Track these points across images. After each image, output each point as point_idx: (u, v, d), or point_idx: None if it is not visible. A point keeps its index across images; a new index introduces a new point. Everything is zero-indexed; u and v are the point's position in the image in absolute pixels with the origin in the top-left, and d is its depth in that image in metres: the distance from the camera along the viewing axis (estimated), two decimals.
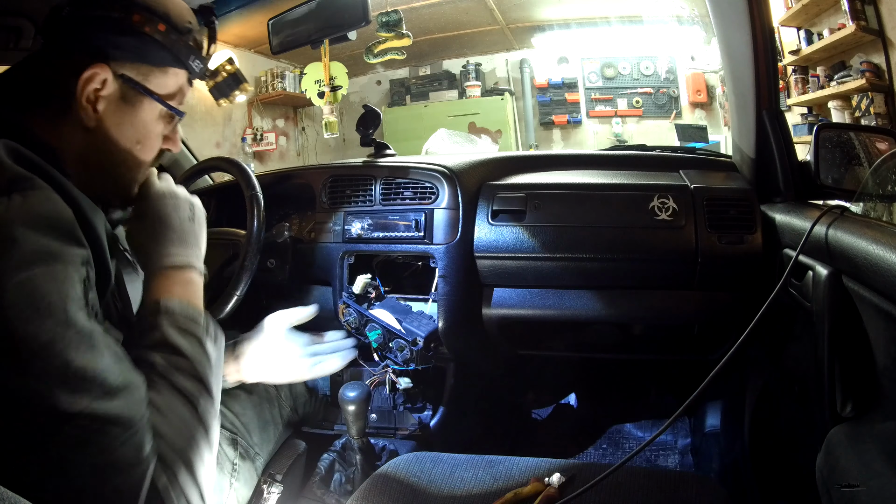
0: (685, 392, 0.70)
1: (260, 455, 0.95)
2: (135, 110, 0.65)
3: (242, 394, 0.96)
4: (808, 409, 0.86)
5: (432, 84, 5.00)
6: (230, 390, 0.92)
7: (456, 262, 1.10)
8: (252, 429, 0.95)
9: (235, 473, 0.88)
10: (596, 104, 4.80)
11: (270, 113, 4.66)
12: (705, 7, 1.05)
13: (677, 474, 0.79)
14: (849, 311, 0.72)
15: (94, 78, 0.61)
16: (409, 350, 1.10)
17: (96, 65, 0.61)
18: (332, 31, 1.20)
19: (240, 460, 0.89)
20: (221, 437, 0.87)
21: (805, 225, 0.82)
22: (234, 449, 0.90)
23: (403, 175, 1.16)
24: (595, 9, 4.06)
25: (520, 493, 0.75)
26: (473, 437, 1.34)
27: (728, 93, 1.12)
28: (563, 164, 1.32)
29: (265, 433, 0.98)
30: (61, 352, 0.45)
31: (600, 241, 1.06)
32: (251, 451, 0.93)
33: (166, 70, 0.67)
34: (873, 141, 0.99)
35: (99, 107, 0.62)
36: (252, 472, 0.92)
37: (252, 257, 1.03)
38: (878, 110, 2.59)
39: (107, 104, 0.63)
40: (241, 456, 0.90)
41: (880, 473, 0.61)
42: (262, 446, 0.97)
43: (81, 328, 0.47)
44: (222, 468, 0.86)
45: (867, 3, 2.53)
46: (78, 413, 0.45)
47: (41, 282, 0.46)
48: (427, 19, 4.08)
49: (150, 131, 0.68)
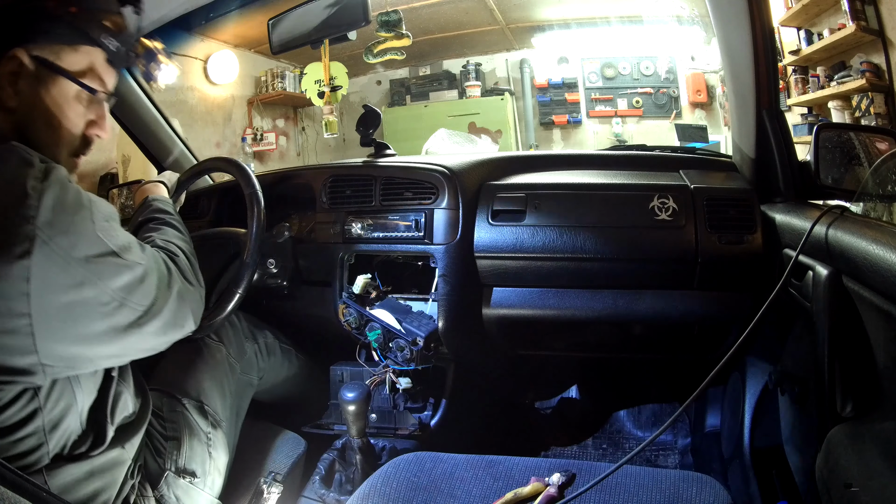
0: (685, 392, 0.70)
1: (224, 421, 0.96)
2: (48, 90, 0.69)
3: (195, 359, 0.98)
4: (808, 409, 0.86)
5: (432, 84, 5.00)
6: (180, 356, 0.96)
7: (456, 262, 1.10)
8: (213, 396, 0.96)
9: (211, 442, 0.90)
10: (596, 104, 4.79)
11: (270, 113, 4.66)
12: (705, 7, 1.05)
13: (677, 474, 0.79)
14: (849, 311, 0.72)
15: (13, 61, 0.66)
16: (409, 350, 1.10)
17: (14, 49, 0.65)
18: (332, 31, 1.20)
19: (212, 429, 0.91)
20: (191, 407, 0.91)
21: (805, 225, 0.82)
22: (205, 418, 0.91)
23: (403, 175, 1.16)
24: (595, 9, 4.06)
25: (520, 493, 0.76)
26: (473, 437, 1.34)
27: (728, 93, 1.12)
28: (563, 164, 1.32)
29: (224, 399, 0.99)
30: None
31: (600, 241, 1.06)
32: (217, 416, 0.94)
33: (77, 48, 0.71)
34: (873, 141, 0.99)
35: (19, 87, 0.67)
36: (225, 441, 0.93)
37: (253, 255, 1.03)
38: (878, 110, 2.59)
39: (25, 85, 0.67)
40: (211, 425, 0.91)
41: (880, 473, 0.61)
42: (226, 413, 0.97)
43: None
44: (200, 439, 0.88)
45: (867, 3, 2.53)
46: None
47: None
48: (427, 19, 4.08)
49: (67, 111, 0.71)
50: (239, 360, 1.07)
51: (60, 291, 0.61)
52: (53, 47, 0.68)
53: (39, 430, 0.64)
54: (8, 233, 0.57)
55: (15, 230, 0.58)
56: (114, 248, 0.66)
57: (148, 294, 0.70)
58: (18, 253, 0.57)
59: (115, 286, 0.66)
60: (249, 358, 1.11)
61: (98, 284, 0.64)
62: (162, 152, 1.53)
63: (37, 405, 0.64)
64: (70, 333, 0.63)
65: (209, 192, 1.41)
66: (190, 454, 0.86)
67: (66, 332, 0.63)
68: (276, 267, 1.20)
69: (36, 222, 0.58)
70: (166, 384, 0.92)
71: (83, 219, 0.64)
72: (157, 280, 0.71)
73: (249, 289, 1.03)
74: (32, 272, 0.58)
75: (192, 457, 0.86)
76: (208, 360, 0.99)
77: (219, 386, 0.98)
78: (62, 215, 0.61)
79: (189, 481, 0.84)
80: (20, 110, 0.68)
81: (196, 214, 1.38)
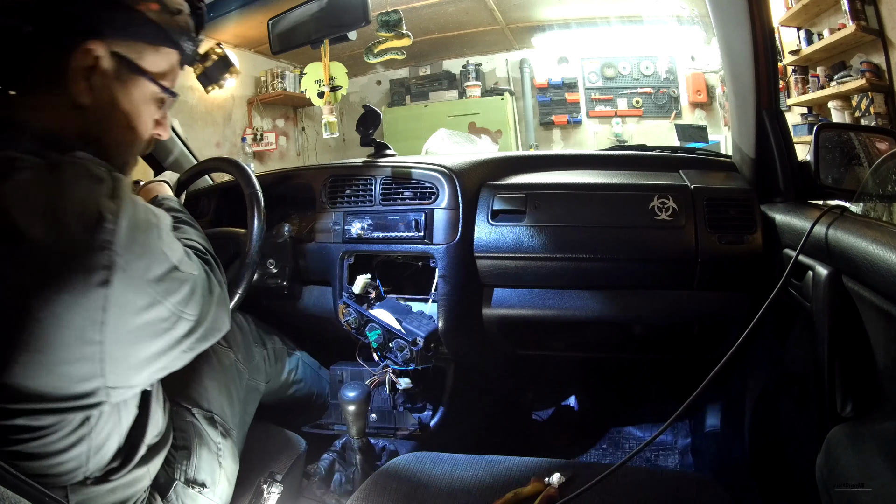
0: (685, 392, 0.70)
1: (234, 429, 0.95)
2: (127, 89, 0.66)
3: (203, 367, 0.96)
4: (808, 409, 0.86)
5: (432, 84, 5.00)
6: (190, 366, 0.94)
7: (456, 262, 1.10)
8: (222, 404, 0.95)
9: (221, 452, 0.89)
10: (596, 104, 4.79)
11: (270, 113, 4.66)
12: (705, 7, 1.05)
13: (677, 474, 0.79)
14: (849, 311, 0.72)
15: (88, 55, 0.62)
16: (409, 350, 1.10)
17: (90, 41, 0.62)
18: (332, 31, 1.20)
19: (221, 438, 0.90)
20: (200, 417, 0.89)
21: (805, 225, 0.82)
22: (215, 428, 0.90)
23: (403, 175, 1.16)
24: (595, 9, 4.06)
25: (520, 493, 0.75)
26: (473, 437, 1.34)
27: (728, 93, 1.12)
28: (563, 164, 1.32)
29: (233, 407, 0.97)
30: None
31: (600, 242, 1.06)
32: (227, 425, 0.93)
33: (159, 49, 0.68)
34: (873, 141, 0.99)
35: (93, 84, 0.63)
36: (233, 449, 0.92)
37: (253, 255, 1.04)
38: (878, 110, 2.59)
39: (100, 82, 0.64)
40: (221, 434, 0.90)
41: (880, 473, 0.61)
42: (234, 420, 0.96)
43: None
44: (210, 449, 0.87)
45: (867, 3, 2.53)
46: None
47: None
48: (427, 19, 4.08)
49: (143, 112, 0.69)
50: (247, 365, 1.06)
51: (133, 315, 0.59)
52: (136, 45, 0.65)
53: (83, 453, 0.63)
54: (85, 261, 0.55)
55: (93, 258, 0.55)
56: (175, 262, 0.64)
57: (198, 303, 0.68)
58: (97, 282, 0.55)
59: (175, 301, 0.64)
60: (257, 363, 1.10)
61: (164, 302, 0.62)
62: (162, 152, 1.53)
63: (87, 430, 0.62)
64: (137, 354, 0.62)
65: (209, 192, 1.41)
66: (199, 464, 0.84)
67: (134, 353, 0.61)
68: (276, 267, 1.20)
69: (114, 248, 0.56)
70: (175, 393, 0.90)
71: (154, 237, 0.61)
72: (202, 288, 0.70)
73: (249, 289, 1.03)
74: (110, 300, 0.56)
75: (201, 466, 0.84)
76: (216, 367, 0.98)
77: (227, 393, 0.97)
78: (137, 236, 0.58)
79: (198, 491, 0.83)
80: (93, 109, 0.64)
81: (196, 214, 1.37)
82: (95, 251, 0.55)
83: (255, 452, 1.03)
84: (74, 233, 0.54)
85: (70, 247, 0.54)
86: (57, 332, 0.54)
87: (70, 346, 0.55)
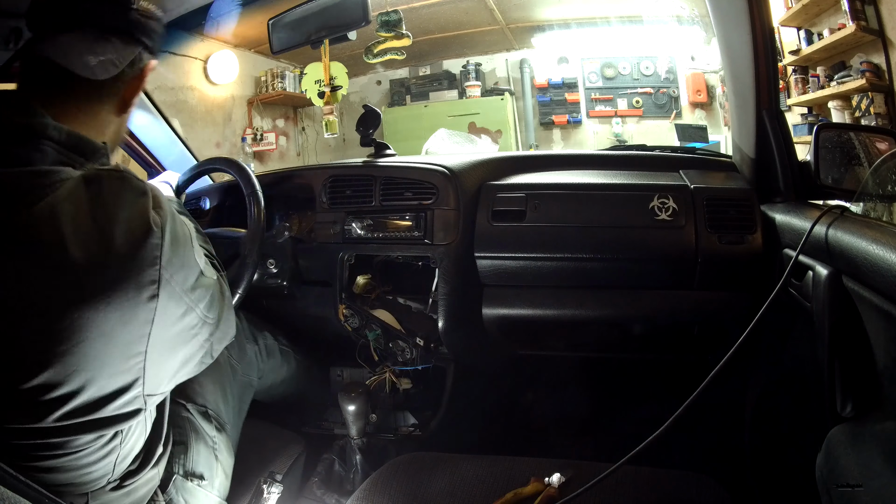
0: (685, 392, 0.70)
1: (228, 423, 0.96)
2: (137, 95, 0.68)
3: None
4: (808, 409, 0.86)
5: (432, 84, 4.99)
6: None
7: (456, 262, 1.10)
8: (217, 399, 0.96)
9: (217, 445, 0.90)
10: (596, 104, 4.79)
11: (270, 113, 4.66)
12: (705, 7, 1.05)
13: (677, 474, 0.79)
14: (849, 311, 0.71)
15: (148, 70, 0.65)
16: (409, 350, 1.10)
17: (147, 53, 0.65)
18: (332, 31, 1.20)
19: (216, 433, 0.91)
20: (195, 412, 0.90)
21: (805, 225, 0.82)
22: (210, 422, 0.91)
23: (403, 175, 1.16)
24: (595, 9, 4.06)
25: (520, 493, 0.76)
26: (473, 437, 1.34)
27: (728, 93, 1.12)
28: (563, 164, 1.32)
29: (227, 402, 0.98)
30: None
31: (600, 241, 1.06)
32: (221, 420, 0.94)
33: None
34: (873, 141, 0.99)
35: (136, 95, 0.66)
36: (229, 443, 0.94)
37: (253, 255, 1.04)
38: (878, 110, 2.59)
39: (136, 92, 0.67)
40: (216, 429, 0.91)
41: (880, 473, 0.61)
42: (229, 415, 0.97)
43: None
44: (206, 444, 0.88)
45: (867, 3, 2.53)
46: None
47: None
48: (427, 19, 4.08)
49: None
50: (240, 361, 1.07)
51: (172, 324, 0.60)
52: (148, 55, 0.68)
53: (111, 462, 0.64)
54: (137, 277, 0.55)
55: (144, 274, 0.55)
56: (202, 268, 0.65)
57: (216, 306, 0.69)
58: (147, 297, 0.55)
59: (202, 306, 0.65)
60: (250, 359, 1.11)
61: (195, 309, 0.63)
62: (162, 152, 1.53)
63: (119, 440, 0.63)
64: (171, 362, 0.62)
65: (209, 192, 1.41)
66: (196, 458, 0.85)
67: (169, 361, 0.62)
68: (275, 267, 1.20)
69: (161, 262, 0.56)
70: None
71: (190, 248, 0.62)
72: (218, 292, 0.71)
73: (249, 289, 1.03)
74: (157, 313, 0.56)
75: (198, 461, 0.85)
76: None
77: (221, 389, 0.98)
78: (178, 249, 0.59)
79: (197, 484, 0.84)
80: (124, 119, 0.67)
81: (196, 214, 1.38)
82: (146, 267, 0.55)
83: (255, 452, 1.03)
84: (125, 249, 0.54)
85: (121, 263, 0.54)
86: (105, 349, 0.54)
87: (117, 361, 0.55)
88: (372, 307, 1.19)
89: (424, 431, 1.22)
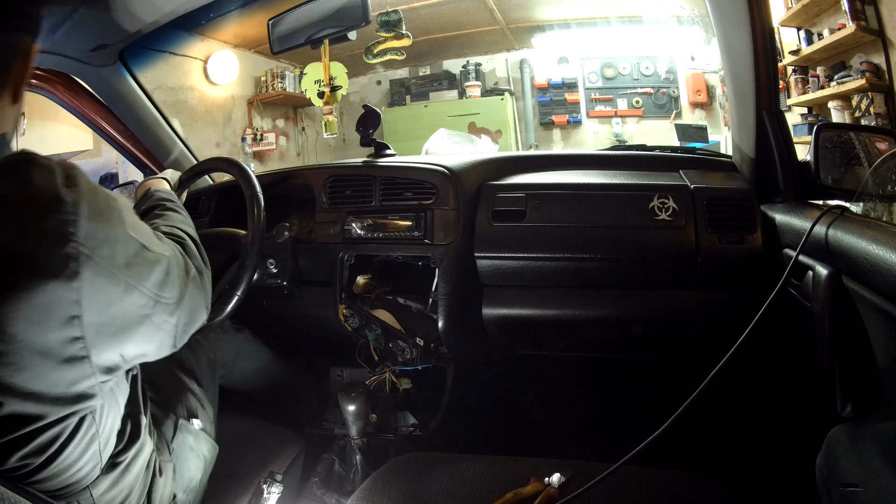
0: (685, 392, 0.70)
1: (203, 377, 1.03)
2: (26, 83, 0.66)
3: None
4: (808, 409, 0.86)
5: (432, 84, 4.99)
6: None
7: (456, 262, 1.10)
8: (191, 362, 1.03)
9: (196, 395, 0.97)
10: (596, 104, 4.79)
11: (270, 113, 4.66)
12: (705, 7, 1.05)
13: (677, 474, 0.79)
14: (849, 311, 0.71)
15: (35, 51, 0.62)
16: (409, 350, 1.10)
17: (30, 38, 0.61)
18: (332, 31, 1.20)
19: (197, 387, 0.98)
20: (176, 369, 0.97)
21: (805, 225, 0.82)
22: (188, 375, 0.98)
23: (403, 175, 1.16)
24: (595, 9, 4.06)
25: (520, 493, 0.76)
26: (473, 437, 1.34)
27: (728, 93, 1.12)
28: (563, 164, 1.32)
29: (199, 366, 1.05)
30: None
31: (600, 241, 1.06)
32: (196, 376, 1.01)
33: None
34: (873, 141, 0.99)
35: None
36: (206, 396, 1.00)
37: (252, 257, 1.03)
38: (878, 110, 2.59)
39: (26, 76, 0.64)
40: (196, 385, 0.98)
41: (880, 473, 0.61)
42: (204, 381, 1.03)
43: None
44: (193, 392, 0.96)
45: (867, 3, 2.53)
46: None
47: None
48: (427, 19, 4.08)
49: None
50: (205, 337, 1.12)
51: (109, 305, 0.57)
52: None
53: (96, 451, 0.63)
54: (49, 257, 0.52)
55: (56, 252, 0.52)
56: (143, 242, 0.62)
57: (174, 286, 0.66)
58: (66, 277, 0.52)
59: (150, 284, 0.62)
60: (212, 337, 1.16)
61: (138, 287, 0.60)
62: (162, 152, 1.53)
63: (93, 428, 0.62)
64: (118, 343, 0.60)
65: (209, 192, 1.41)
66: (187, 402, 0.93)
67: (116, 343, 0.60)
68: (276, 267, 1.20)
69: (77, 238, 0.53)
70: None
71: (117, 220, 0.59)
72: (178, 269, 0.68)
73: (249, 289, 1.03)
74: (83, 293, 0.54)
75: (187, 404, 0.93)
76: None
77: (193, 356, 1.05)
78: (101, 222, 0.56)
79: (195, 425, 0.92)
80: (18, 107, 0.63)
81: (196, 214, 1.38)
82: (58, 244, 0.52)
83: (255, 452, 1.03)
84: (35, 230, 0.52)
85: (33, 246, 0.51)
86: (38, 339, 0.52)
87: (54, 350, 0.54)
88: (372, 307, 1.19)
89: (424, 431, 1.22)
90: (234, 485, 0.95)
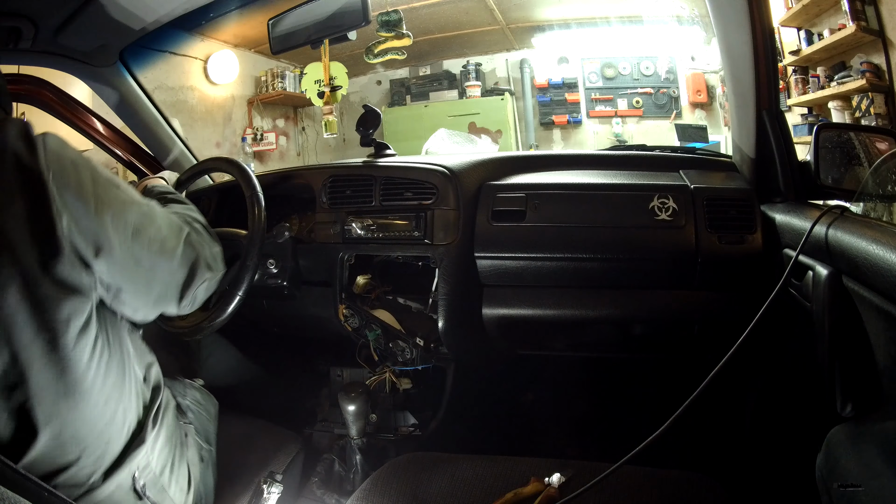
0: (685, 392, 0.70)
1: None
2: None
3: None
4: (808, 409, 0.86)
5: (432, 84, 4.99)
6: None
7: (456, 262, 1.10)
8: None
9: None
10: (596, 104, 4.79)
11: (270, 113, 4.66)
12: (705, 7, 1.05)
13: (677, 474, 0.79)
14: (849, 311, 0.72)
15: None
16: (409, 350, 1.10)
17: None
18: (332, 31, 1.20)
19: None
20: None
21: (805, 225, 0.82)
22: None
23: (403, 175, 1.16)
24: (595, 9, 4.06)
25: (520, 493, 0.76)
26: (473, 437, 1.34)
27: (728, 93, 1.12)
28: (563, 164, 1.32)
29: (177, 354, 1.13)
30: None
31: (600, 241, 1.06)
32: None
33: None
34: (873, 141, 0.99)
35: None
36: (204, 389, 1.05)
37: (253, 257, 1.03)
38: (878, 110, 2.59)
39: None
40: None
41: (880, 473, 0.61)
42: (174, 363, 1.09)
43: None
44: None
45: (867, 4, 2.53)
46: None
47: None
48: (427, 19, 4.08)
49: None
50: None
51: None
52: None
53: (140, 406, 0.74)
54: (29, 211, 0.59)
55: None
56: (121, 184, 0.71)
57: (160, 229, 0.75)
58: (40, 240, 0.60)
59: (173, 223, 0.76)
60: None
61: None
62: (162, 152, 1.53)
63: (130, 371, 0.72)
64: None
65: (209, 192, 1.41)
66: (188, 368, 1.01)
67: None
68: (276, 267, 1.20)
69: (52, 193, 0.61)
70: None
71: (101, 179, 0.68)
72: (168, 221, 0.77)
73: (249, 290, 1.03)
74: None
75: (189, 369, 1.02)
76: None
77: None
78: (70, 177, 0.65)
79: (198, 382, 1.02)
80: None
81: None
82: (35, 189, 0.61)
83: (255, 452, 1.03)
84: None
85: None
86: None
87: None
88: (372, 307, 1.19)
89: (424, 431, 1.22)
90: (234, 485, 0.95)
